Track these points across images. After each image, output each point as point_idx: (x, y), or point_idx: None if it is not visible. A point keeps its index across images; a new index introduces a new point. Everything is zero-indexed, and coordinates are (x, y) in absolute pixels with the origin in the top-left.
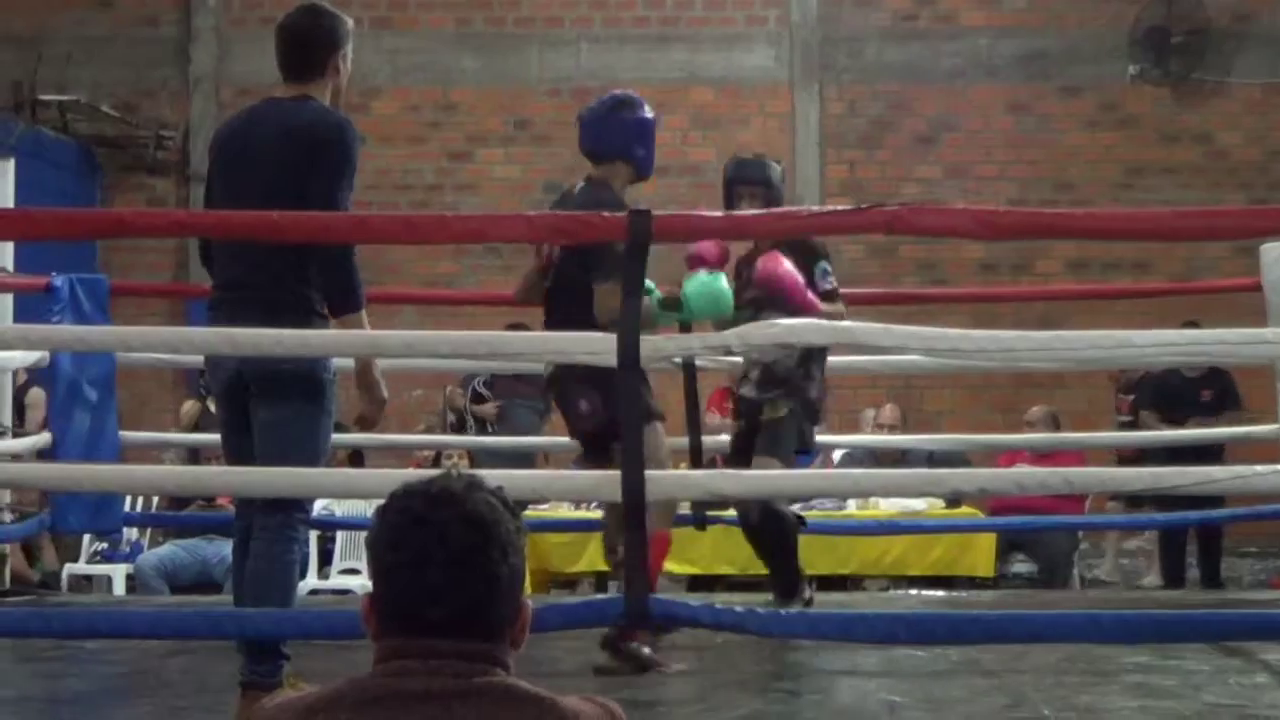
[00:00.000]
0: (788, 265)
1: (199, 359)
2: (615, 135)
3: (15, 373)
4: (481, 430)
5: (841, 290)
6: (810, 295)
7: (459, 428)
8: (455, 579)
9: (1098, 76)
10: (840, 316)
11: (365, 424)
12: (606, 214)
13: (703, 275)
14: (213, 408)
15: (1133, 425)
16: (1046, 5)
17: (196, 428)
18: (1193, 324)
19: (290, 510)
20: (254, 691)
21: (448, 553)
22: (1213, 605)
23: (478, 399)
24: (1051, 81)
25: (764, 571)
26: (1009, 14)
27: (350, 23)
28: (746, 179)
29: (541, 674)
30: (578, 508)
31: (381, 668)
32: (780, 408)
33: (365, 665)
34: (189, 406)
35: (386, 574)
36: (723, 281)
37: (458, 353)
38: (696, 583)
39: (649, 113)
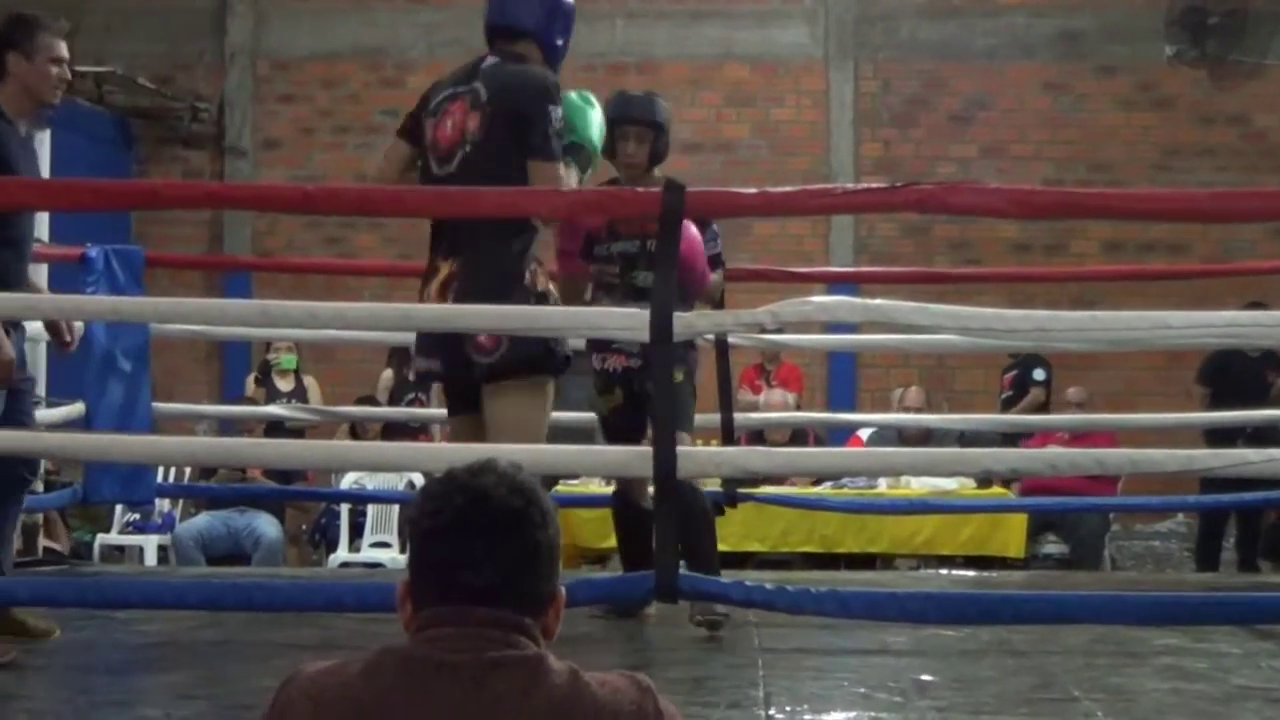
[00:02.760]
0: (694, 232)
1: (232, 331)
2: (531, 8)
3: None
4: None
5: (875, 269)
6: (705, 266)
7: None
8: (496, 544)
9: (1134, 57)
10: (719, 288)
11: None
12: (640, 190)
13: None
14: (410, 375)
15: (1012, 401)
16: None
17: (393, 398)
18: (1258, 305)
19: None
20: None
21: (490, 517)
22: (1245, 588)
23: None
24: (1088, 61)
25: (797, 548)
26: None
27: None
28: (632, 118)
29: (571, 648)
30: (609, 483)
31: (419, 636)
32: (678, 373)
33: (396, 636)
34: (387, 376)
35: (426, 541)
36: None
37: (493, 326)
38: (726, 560)
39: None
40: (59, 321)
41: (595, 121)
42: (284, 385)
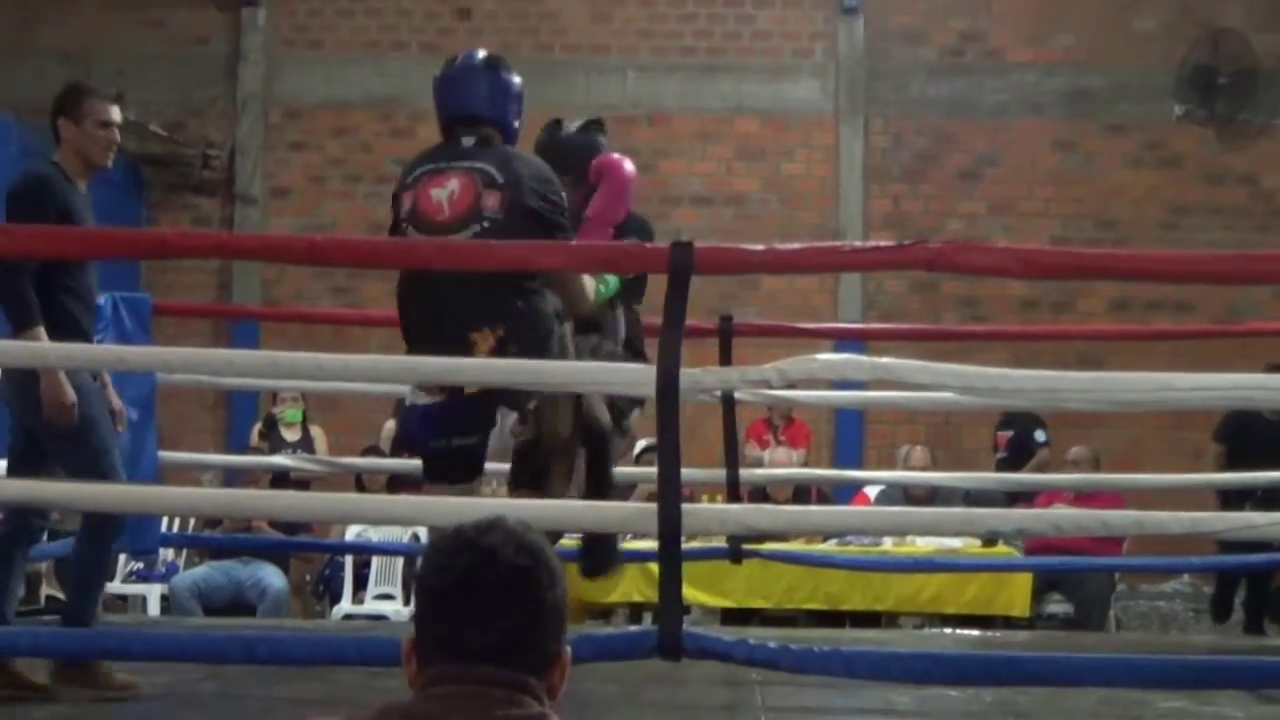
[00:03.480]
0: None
1: (239, 381)
2: (493, 97)
3: None
4: None
5: (883, 325)
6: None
7: None
8: (503, 603)
9: (1143, 115)
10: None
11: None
12: (648, 245)
13: None
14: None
15: (1009, 462)
16: (1093, 43)
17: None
18: (1277, 367)
19: None
20: None
21: (497, 576)
22: (1250, 652)
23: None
24: (1097, 119)
25: (801, 605)
26: (1056, 51)
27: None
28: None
29: (575, 707)
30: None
31: (423, 693)
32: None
33: (399, 691)
34: (389, 427)
35: (433, 599)
36: None
37: (500, 380)
38: (730, 616)
39: (519, 80)
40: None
41: None
42: (290, 435)
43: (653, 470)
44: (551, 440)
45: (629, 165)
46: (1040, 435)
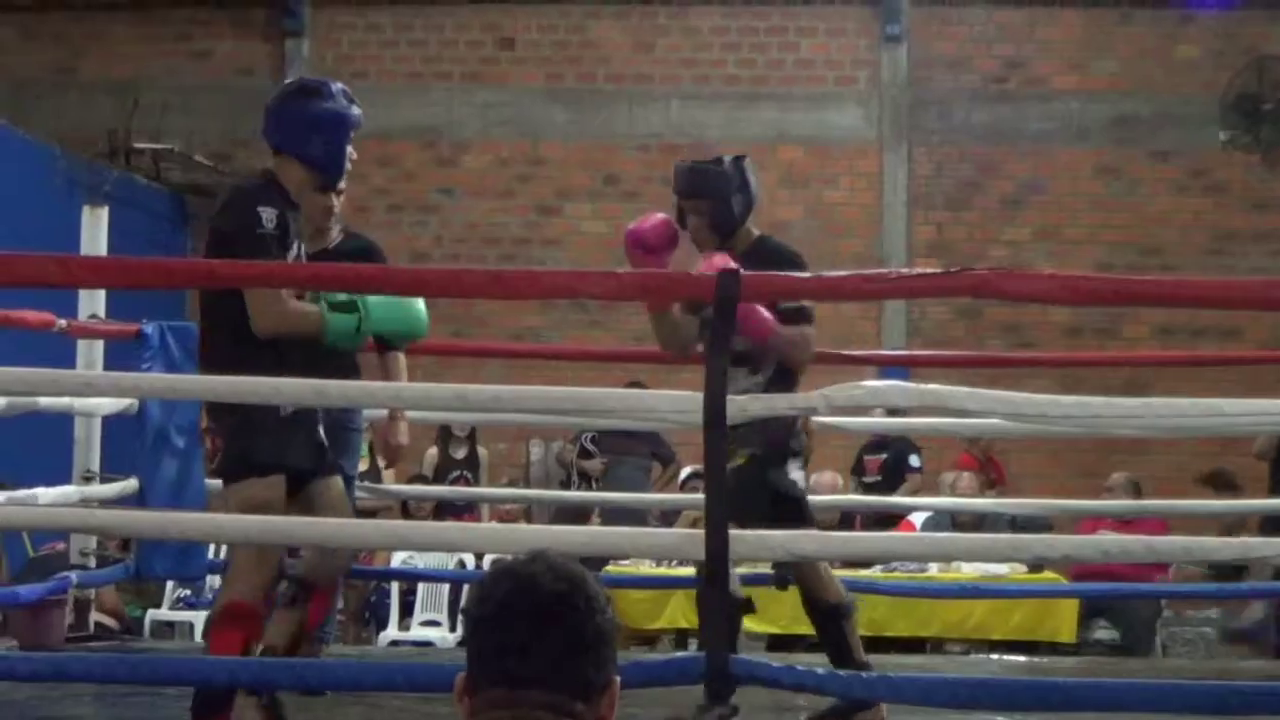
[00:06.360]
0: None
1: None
2: (286, 126)
3: None
4: (586, 486)
5: (928, 352)
6: (763, 317)
7: (565, 484)
8: (542, 630)
9: (1188, 142)
10: (803, 345)
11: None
12: (694, 273)
13: None
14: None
15: (880, 486)
16: (1137, 70)
17: (438, 476)
18: None
19: None
20: None
21: (534, 603)
22: None
23: (585, 455)
24: (1141, 146)
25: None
26: (1100, 78)
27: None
28: (680, 192)
29: None
30: (659, 564)
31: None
32: (737, 454)
33: (446, 718)
34: (431, 454)
35: (477, 627)
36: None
37: (545, 408)
38: (776, 642)
39: (343, 107)
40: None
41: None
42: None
43: (698, 497)
44: None
45: (632, 227)
46: (914, 460)
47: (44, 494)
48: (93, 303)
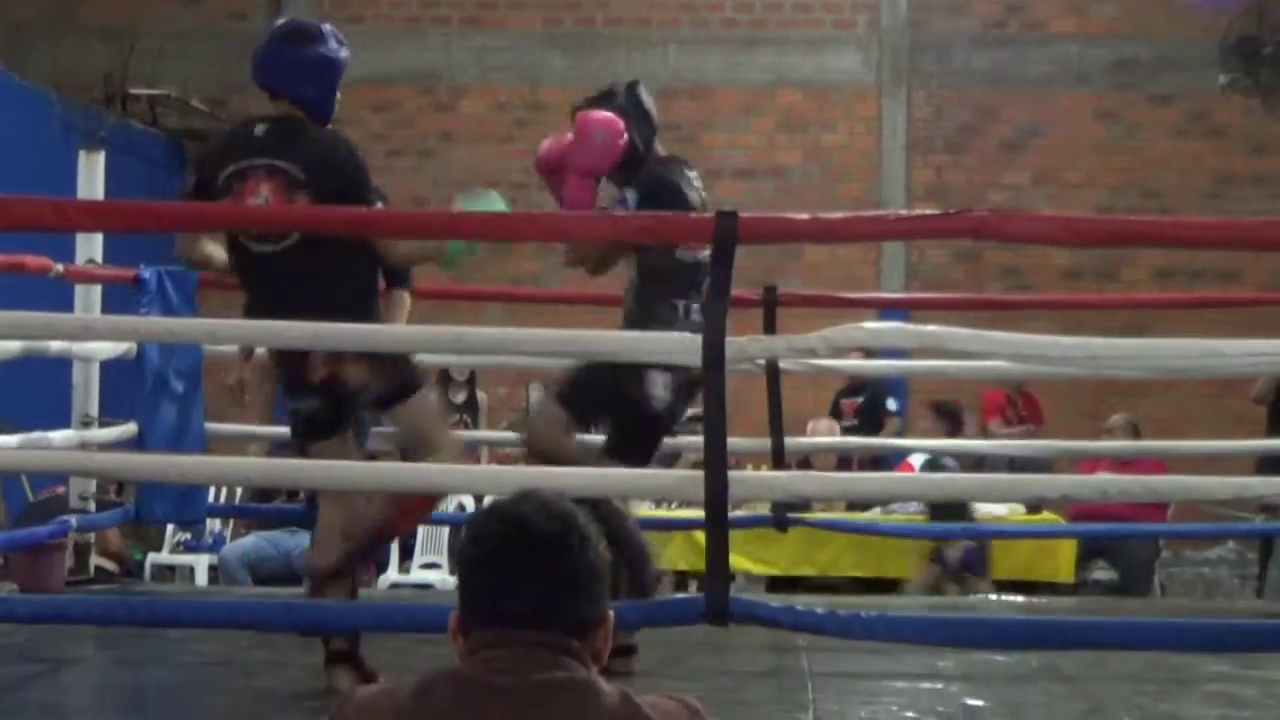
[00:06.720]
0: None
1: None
2: (277, 69)
3: None
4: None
5: (927, 295)
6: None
7: None
8: (535, 569)
9: (1187, 85)
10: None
11: None
12: (693, 215)
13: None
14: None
15: (857, 430)
16: (1137, 14)
17: None
18: None
19: None
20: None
21: (528, 544)
22: None
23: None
24: (1141, 90)
25: (846, 573)
26: (1099, 22)
27: None
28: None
29: (620, 671)
30: (657, 506)
31: (469, 659)
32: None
33: (446, 658)
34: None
35: (470, 569)
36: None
37: (545, 350)
38: (776, 584)
39: (334, 50)
40: None
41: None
42: None
43: (698, 439)
44: None
45: (599, 115)
46: (892, 404)
47: (52, 437)
48: (90, 248)
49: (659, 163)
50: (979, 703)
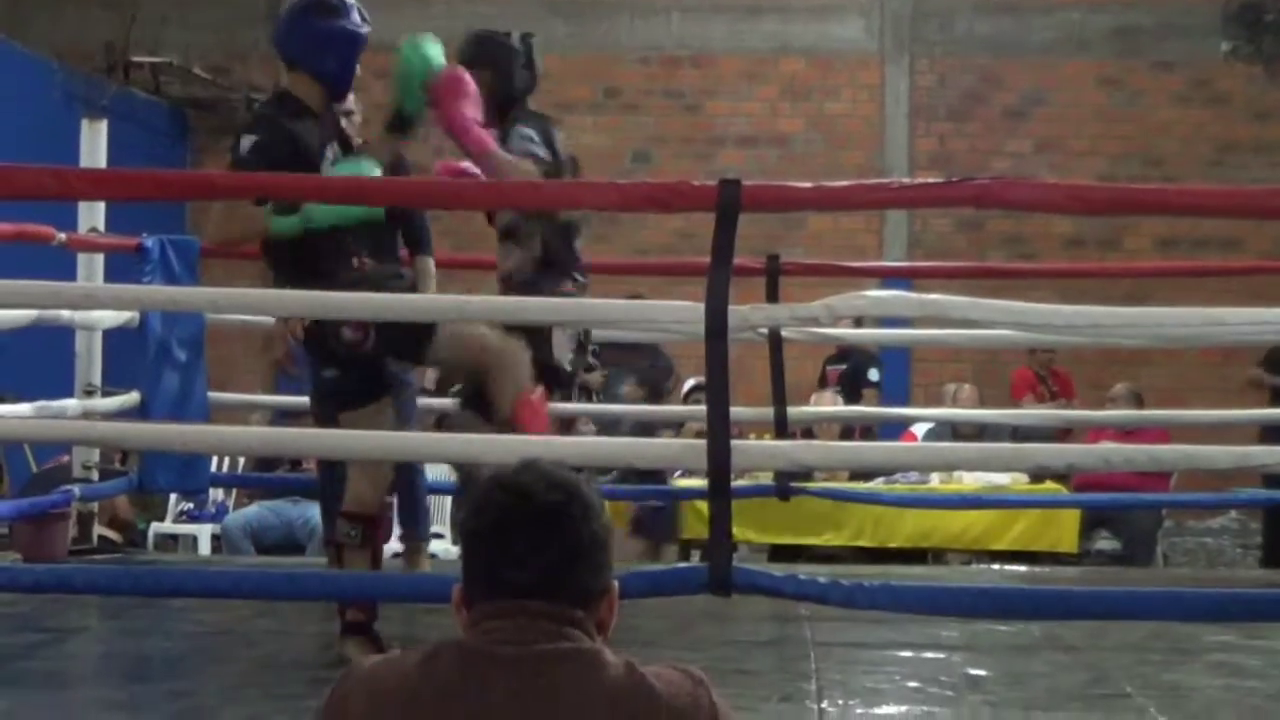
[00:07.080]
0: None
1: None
2: (300, 41)
3: None
4: (587, 399)
5: (930, 263)
6: (478, 137)
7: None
8: (538, 540)
9: (1190, 53)
10: (516, 169)
11: None
12: (695, 183)
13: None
14: None
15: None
16: None
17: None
18: None
19: None
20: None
21: (530, 514)
22: None
23: (587, 368)
24: (1143, 57)
25: (849, 543)
26: None
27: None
28: (472, 61)
29: (624, 641)
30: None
31: (473, 630)
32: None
33: (448, 628)
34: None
35: (472, 540)
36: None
37: (545, 319)
38: (778, 552)
39: (356, 24)
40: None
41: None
42: None
43: (701, 409)
44: None
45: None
46: (873, 374)
47: (55, 406)
48: (92, 216)
49: (526, 115)
50: (982, 672)
